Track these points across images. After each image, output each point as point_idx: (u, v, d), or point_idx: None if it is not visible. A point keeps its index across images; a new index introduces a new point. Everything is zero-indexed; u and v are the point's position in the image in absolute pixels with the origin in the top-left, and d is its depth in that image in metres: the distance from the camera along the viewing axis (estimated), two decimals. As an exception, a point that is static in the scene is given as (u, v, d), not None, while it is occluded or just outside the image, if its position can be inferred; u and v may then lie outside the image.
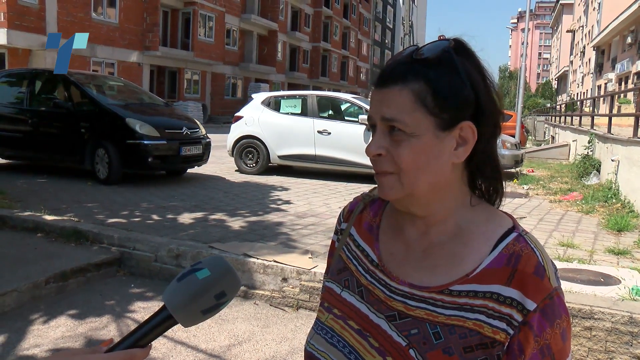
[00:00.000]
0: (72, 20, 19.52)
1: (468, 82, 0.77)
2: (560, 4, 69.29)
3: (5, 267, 4.05)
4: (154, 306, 3.76)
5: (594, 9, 43.95)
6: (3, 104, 8.45)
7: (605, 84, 35.43)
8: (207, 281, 0.70)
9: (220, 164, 10.42)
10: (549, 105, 42.50)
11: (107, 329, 3.44)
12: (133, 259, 4.53)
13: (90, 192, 6.94)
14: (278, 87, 35.27)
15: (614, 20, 30.70)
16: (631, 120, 8.72)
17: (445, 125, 0.76)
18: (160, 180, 8.29)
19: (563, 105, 25.57)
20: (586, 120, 14.31)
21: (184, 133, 7.93)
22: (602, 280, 3.88)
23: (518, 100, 16.60)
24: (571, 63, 60.28)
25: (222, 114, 27.94)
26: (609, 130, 10.12)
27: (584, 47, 48.96)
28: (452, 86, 0.76)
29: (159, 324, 0.70)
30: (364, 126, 8.53)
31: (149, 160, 7.44)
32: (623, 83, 31.29)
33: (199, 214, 5.83)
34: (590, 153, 10.97)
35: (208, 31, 27.03)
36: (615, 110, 13.38)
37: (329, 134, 8.99)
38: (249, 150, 9.51)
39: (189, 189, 7.60)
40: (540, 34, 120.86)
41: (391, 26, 71.96)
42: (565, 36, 66.85)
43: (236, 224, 5.46)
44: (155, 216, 5.66)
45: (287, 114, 9.54)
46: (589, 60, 45.15)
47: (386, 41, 69.46)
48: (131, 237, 4.67)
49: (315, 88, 38.39)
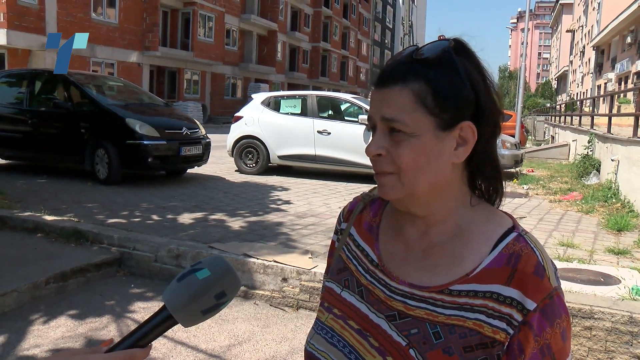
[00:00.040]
0: (72, 21, 19.52)
1: (468, 82, 0.77)
2: (559, 4, 69.30)
3: (5, 268, 4.05)
4: (154, 306, 3.76)
5: (593, 9, 43.96)
6: (3, 105, 8.44)
7: (605, 83, 35.44)
8: (207, 281, 0.70)
9: (220, 164, 10.42)
10: (548, 105, 42.49)
11: (107, 329, 3.44)
12: (133, 259, 4.53)
13: (90, 193, 6.94)
14: (278, 87, 35.28)
15: (613, 20, 30.70)
16: (631, 120, 8.72)
17: (445, 125, 0.77)
18: (160, 181, 8.29)
19: (563, 105, 25.57)
20: (586, 120, 14.31)
21: (184, 133, 7.93)
22: (602, 280, 3.88)
23: (518, 100, 16.61)
24: (571, 63, 60.29)
25: (222, 114, 27.95)
26: (609, 130, 10.13)
27: (584, 47, 48.97)
28: (452, 86, 0.76)
29: (159, 324, 0.70)
30: (364, 126, 8.53)
31: (149, 160, 7.44)
32: (623, 83, 31.30)
33: (199, 214, 5.83)
34: (590, 153, 10.97)
35: (208, 31, 27.03)
36: (615, 110, 13.37)
37: (329, 134, 8.99)
38: (249, 150, 9.51)
39: (189, 189, 7.60)
40: (540, 33, 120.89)
41: (391, 26, 71.98)
42: (565, 36, 66.85)
43: (236, 224, 5.46)
44: (155, 216, 5.66)
45: (287, 114, 9.54)
46: (589, 60, 45.16)
47: (386, 41, 69.47)
48: (131, 237, 4.67)
49: (315, 88, 38.40)
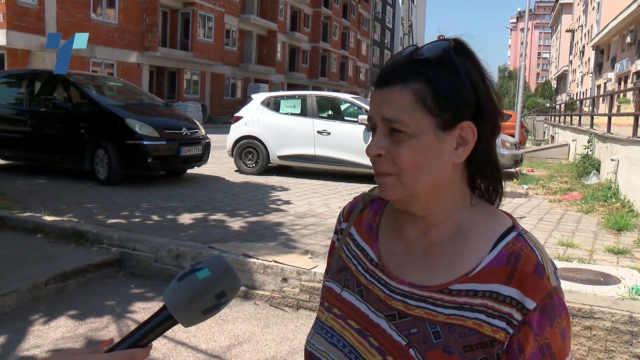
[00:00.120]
0: (72, 21, 19.51)
1: (468, 82, 0.77)
2: (559, 3, 69.27)
3: (5, 268, 4.05)
4: (154, 306, 3.76)
5: (593, 9, 43.95)
6: (2, 105, 8.44)
7: (605, 83, 35.45)
8: (207, 281, 0.70)
9: (219, 164, 10.42)
10: (548, 105, 42.49)
11: (107, 330, 3.44)
12: (133, 259, 4.53)
13: (90, 193, 6.94)
14: (277, 88, 35.28)
15: (613, 20, 30.70)
16: (631, 119, 8.72)
17: (445, 125, 0.77)
18: (159, 181, 8.29)
19: (562, 105, 25.57)
20: (586, 119, 14.32)
21: (184, 133, 7.93)
22: (602, 279, 3.88)
23: (517, 99, 16.60)
24: (570, 63, 60.28)
25: (222, 115, 27.96)
26: (609, 130, 10.13)
27: (584, 47, 48.96)
28: (453, 86, 0.76)
29: (159, 324, 0.70)
30: (364, 126, 8.53)
31: (149, 160, 7.44)
32: (622, 82, 31.30)
33: (199, 215, 5.83)
34: (589, 152, 10.98)
35: (207, 31, 27.03)
36: (614, 110, 13.37)
37: (329, 134, 8.99)
38: (249, 150, 9.51)
39: (189, 189, 7.60)
40: (540, 33, 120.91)
41: (390, 26, 71.98)
42: (564, 36, 66.83)
43: (236, 224, 5.46)
44: (155, 217, 5.66)
45: (287, 114, 9.54)
46: (589, 59, 45.15)
47: (385, 41, 69.48)
48: (131, 238, 4.67)
49: (314, 88, 38.40)
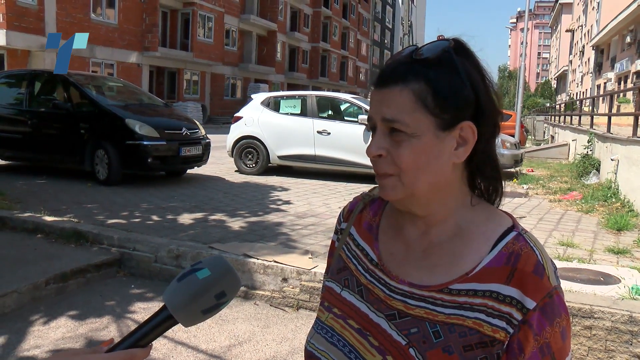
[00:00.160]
0: (71, 21, 19.51)
1: (468, 82, 0.77)
2: (559, 3, 69.25)
3: (5, 268, 4.05)
4: (154, 307, 3.76)
5: (593, 9, 43.95)
6: (2, 105, 8.44)
7: (605, 83, 35.45)
8: (208, 281, 0.70)
9: (219, 164, 10.42)
10: (548, 104, 42.50)
11: (108, 330, 3.44)
12: (133, 259, 4.53)
13: (90, 193, 6.94)
14: (277, 88, 35.28)
15: (613, 20, 30.70)
16: (630, 119, 8.72)
17: (445, 125, 0.77)
18: (159, 181, 8.29)
19: (562, 105, 25.57)
20: (586, 119, 14.32)
21: (184, 134, 7.93)
22: (602, 279, 3.88)
23: (517, 99, 16.60)
24: (570, 62, 60.27)
25: (222, 115, 27.95)
26: (609, 130, 10.13)
27: (583, 47, 48.96)
28: (453, 86, 0.76)
29: (159, 324, 0.70)
30: (364, 126, 8.53)
31: (149, 161, 7.44)
32: (622, 82, 31.30)
33: (199, 215, 5.83)
34: (589, 152, 10.98)
35: (207, 32, 27.03)
36: (614, 110, 13.37)
37: (329, 134, 8.99)
38: (249, 150, 9.51)
39: (189, 189, 7.60)
40: (540, 33, 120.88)
41: (390, 26, 71.99)
42: (564, 36, 66.81)
43: (236, 224, 5.46)
44: (155, 217, 5.66)
45: (287, 114, 9.54)
46: (588, 59, 45.15)
47: (385, 41, 69.48)
48: (131, 238, 4.67)
49: (314, 88, 38.40)
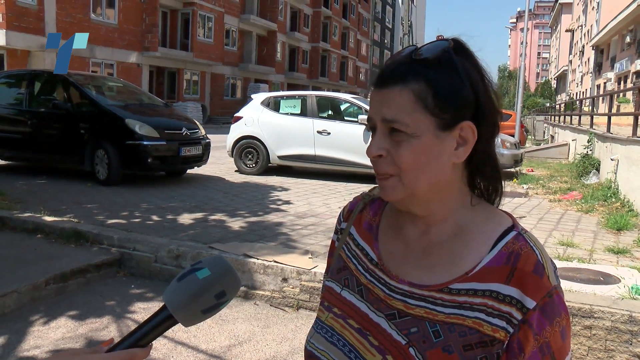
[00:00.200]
0: (71, 21, 19.51)
1: (467, 82, 0.77)
2: (559, 3, 69.24)
3: (5, 268, 4.05)
4: (154, 307, 3.76)
5: (592, 9, 43.95)
6: (2, 105, 8.44)
7: (605, 83, 35.45)
8: (208, 281, 0.70)
9: (219, 164, 10.42)
10: (548, 104, 42.49)
11: (108, 330, 3.44)
12: (133, 259, 4.53)
13: (90, 193, 6.94)
14: (277, 88, 35.27)
15: (612, 20, 30.71)
16: (630, 119, 8.72)
17: (445, 125, 0.77)
18: (159, 181, 8.29)
19: (562, 105, 25.57)
20: (585, 119, 14.32)
21: (184, 134, 7.93)
22: (602, 279, 3.88)
23: (517, 99, 16.60)
24: (570, 62, 60.27)
25: (222, 115, 27.95)
26: (608, 130, 10.13)
27: (583, 47, 48.96)
28: (452, 86, 0.76)
29: (159, 324, 0.70)
30: (364, 126, 8.53)
31: (149, 161, 7.44)
32: (622, 82, 31.30)
33: (199, 215, 5.83)
34: (589, 152, 10.98)
35: (207, 32, 27.03)
36: (614, 110, 13.37)
37: (329, 134, 8.99)
38: (249, 150, 9.51)
39: (189, 189, 7.60)
40: (540, 33, 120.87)
41: (390, 26, 71.98)
42: (564, 36, 66.82)
43: (236, 224, 5.46)
44: (155, 217, 5.66)
45: (287, 114, 9.54)
46: (588, 59, 45.15)
47: (385, 41, 69.48)
48: (131, 238, 4.67)
49: (314, 88, 38.40)
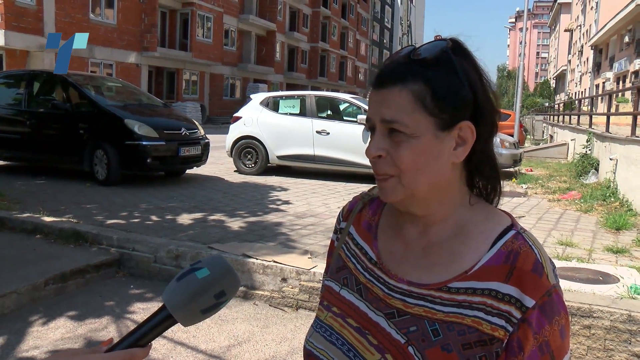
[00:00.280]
0: (70, 21, 19.49)
1: (466, 82, 0.77)
2: (558, 3, 69.32)
3: (4, 269, 4.05)
4: (154, 307, 3.76)
5: (591, 8, 43.98)
6: (1, 106, 8.43)
7: (603, 83, 35.50)
8: (207, 280, 0.70)
9: (219, 164, 10.41)
10: (547, 104, 42.52)
11: (107, 330, 3.44)
12: (132, 259, 4.53)
13: (89, 193, 6.94)
14: (276, 88, 35.26)
15: (611, 20, 30.74)
16: (629, 119, 8.73)
17: (444, 125, 0.77)
18: (159, 181, 8.29)
19: (561, 105, 25.60)
20: (584, 119, 14.33)
21: (183, 134, 7.93)
22: (601, 278, 3.89)
23: (516, 99, 16.63)
24: (569, 62, 60.32)
25: (221, 115, 27.95)
26: (607, 129, 10.13)
27: (582, 47, 49.00)
28: (451, 86, 0.76)
29: (158, 324, 0.70)
30: (363, 126, 8.53)
31: (148, 161, 7.44)
32: (621, 82, 31.34)
33: (198, 215, 5.83)
34: (588, 152, 10.98)
35: (206, 32, 27.02)
36: (613, 109, 13.38)
37: (328, 134, 8.99)
38: (248, 150, 9.51)
39: (188, 189, 7.60)
40: (539, 33, 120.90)
41: (389, 26, 71.99)
42: (563, 35, 66.89)
43: (235, 224, 5.46)
44: (154, 217, 5.66)
45: (286, 114, 9.54)
46: (587, 59, 45.19)
47: (384, 41, 69.48)
48: (130, 238, 4.67)
49: (313, 88, 38.38)
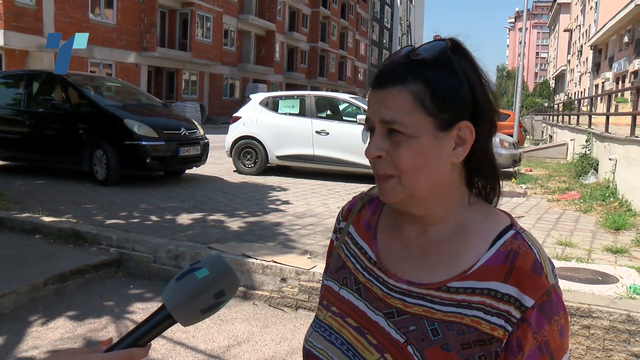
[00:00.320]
0: (70, 21, 19.48)
1: (465, 82, 0.77)
2: (557, 3, 69.37)
3: (3, 269, 4.05)
4: (153, 307, 3.76)
5: (591, 8, 44.01)
6: (1, 106, 8.42)
7: (603, 83, 35.52)
8: (206, 280, 0.70)
9: (218, 164, 10.41)
10: (546, 104, 42.52)
11: (106, 330, 3.43)
12: (132, 260, 4.53)
13: (89, 194, 6.94)
14: (276, 88, 35.26)
15: (611, 20, 30.77)
16: (628, 119, 8.74)
17: (444, 125, 0.77)
18: (158, 181, 8.28)
19: (561, 105, 25.61)
20: (584, 119, 14.33)
21: (182, 134, 7.93)
22: (600, 278, 3.89)
23: (516, 99, 16.64)
24: (568, 62, 60.34)
25: (220, 115, 27.94)
26: (607, 129, 10.13)
27: (581, 47, 49.03)
28: (450, 86, 0.76)
29: (158, 324, 0.70)
30: (362, 126, 8.53)
31: (147, 161, 7.44)
32: (620, 82, 31.36)
33: (198, 215, 5.83)
34: (587, 152, 10.98)
35: (206, 32, 27.02)
36: (612, 109, 13.40)
37: (327, 134, 8.99)
38: (247, 150, 9.50)
39: (188, 189, 7.59)
40: (538, 33, 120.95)
41: (389, 26, 72.00)
42: (562, 35, 66.94)
43: (235, 224, 5.46)
44: (153, 217, 5.65)
45: (285, 114, 9.54)
46: (587, 59, 45.22)
47: (384, 41, 69.49)
48: (130, 238, 4.67)
49: (313, 88, 38.37)
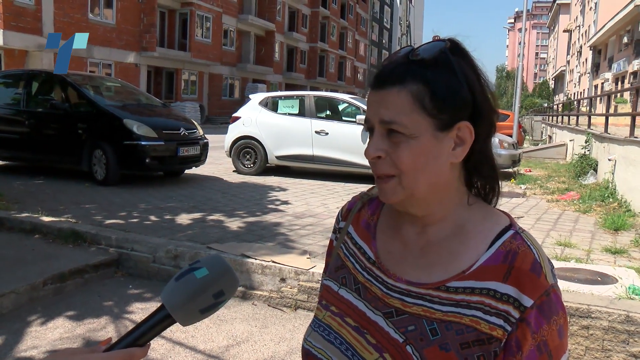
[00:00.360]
0: (69, 21, 19.47)
1: (464, 83, 0.77)
2: (557, 4, 69.44)
3: (3, 269, 4.04)
4: (152, 307, 3.76)
5: (590, 9, 44.06)
6: (0, 106, 8.43)
7: (602, 83, 35.56)
8: (206, 280, 0.70)
9: (217, 164, 10.41)
10: (546, 105, 42.54)
11: (106, 330, 3.43)
12: (131, 259, 4.52)
13: (88, 193, 6.93)
14: (275, 88, 35.27)
15: (610, 20, 30.80)
16: (628, 119, 8.74)
17: (443, 125, 0.77)
18: (157, 181, 8.28)
19: (560, 105, 25.63)
20: (583, 119, 14.34)
21: (182, 134, 7.93)
22: (599, 279, 3.89)
23: (515, 100, 16.65)
24: (568, 63, 60.40)
25: (220, 115, 27.94)
26: (606, 130, 10.14)
27: (581, 47, 49.07)
28: (450, 87, 0.76)
29: (157, 323, 0.70)
30: (361, 126, 8.52)
31: (147, 161, 7.43)
32: (619, 83, 31.39)
33: (197, 215, 5.83)
34: (587, 152, 10.99)
35: (205, 32, 27.02)
36: (612, 110, 13.41)
37: (327, 134, 8.99)
38: (247, 150, 9.50)
39: (187, 189, 7.59)
40: (537, 33, 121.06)
41: (388, 26, 72.02)
42: (562, 36, 67.00)
43: (234, 224, 5.46)
44: (153, 217, 5.65)
45: (285, 114, 9.54)
46: (586, 60, 45.27)
47: (383, 41, 69.51)
48: (129, 238, 4.67)
49: (312, 88, 38.37)
